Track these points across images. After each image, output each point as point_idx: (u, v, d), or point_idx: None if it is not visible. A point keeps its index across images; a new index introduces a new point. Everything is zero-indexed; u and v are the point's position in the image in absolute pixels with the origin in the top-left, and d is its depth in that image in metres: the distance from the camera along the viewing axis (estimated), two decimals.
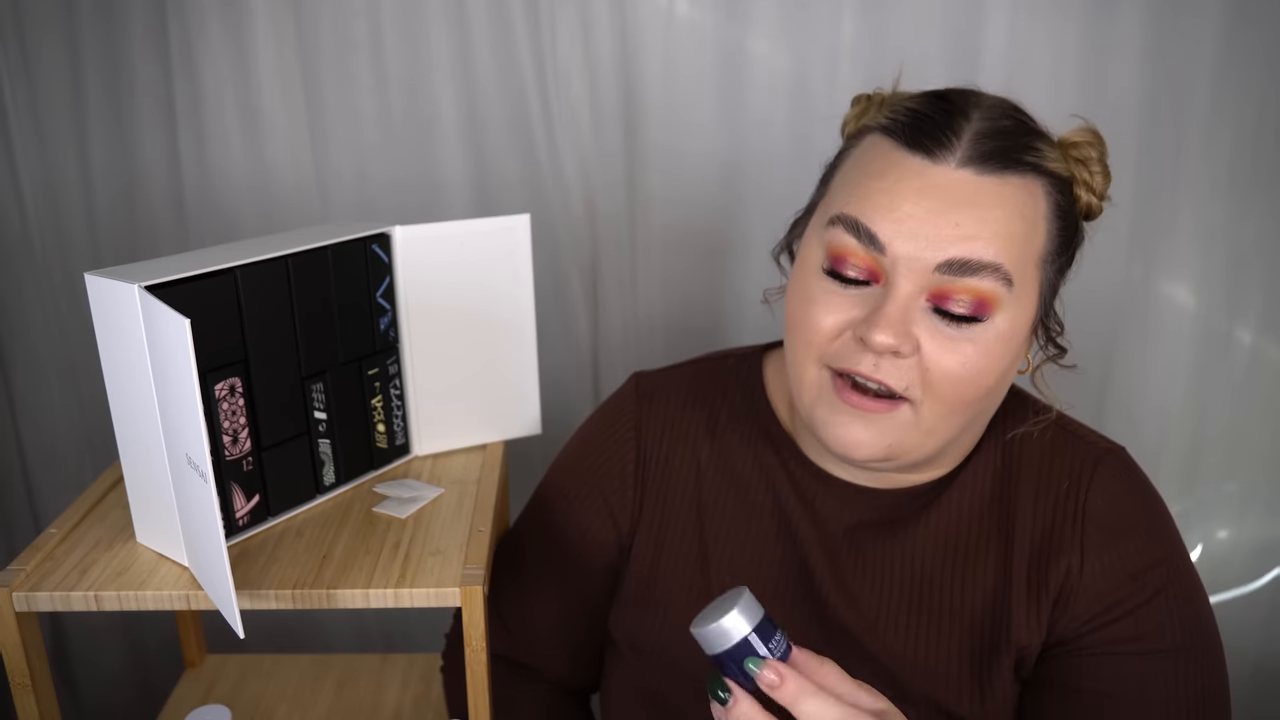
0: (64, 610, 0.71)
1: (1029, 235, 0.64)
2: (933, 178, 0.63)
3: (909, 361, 0.64)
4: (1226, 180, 1.22)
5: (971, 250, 0.62)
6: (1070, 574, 0.69)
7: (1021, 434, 0.73)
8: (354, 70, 1.22)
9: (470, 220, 0.86)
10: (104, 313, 0.70)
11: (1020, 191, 0.64)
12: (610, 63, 1.21)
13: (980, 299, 0.63)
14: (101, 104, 1.25)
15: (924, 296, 0.64)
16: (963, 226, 0.62)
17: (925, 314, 0.64)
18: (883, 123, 0.68)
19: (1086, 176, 0.67)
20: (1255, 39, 1.16)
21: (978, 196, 0.63)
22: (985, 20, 1.17)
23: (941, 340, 0.64)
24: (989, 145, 0.64)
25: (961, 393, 0.65)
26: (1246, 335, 1.27)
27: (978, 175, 0.63)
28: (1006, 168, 0.63)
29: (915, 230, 0.63)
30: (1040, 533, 0.70)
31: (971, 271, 0.62)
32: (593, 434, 0.85)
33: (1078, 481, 0.70)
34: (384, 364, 0.86)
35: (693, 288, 1.30)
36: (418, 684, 1.05)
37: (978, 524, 0.72)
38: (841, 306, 0.66)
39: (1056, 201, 0.66)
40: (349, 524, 0.80)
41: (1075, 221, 0.68)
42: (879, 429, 0.66)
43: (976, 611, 0.70)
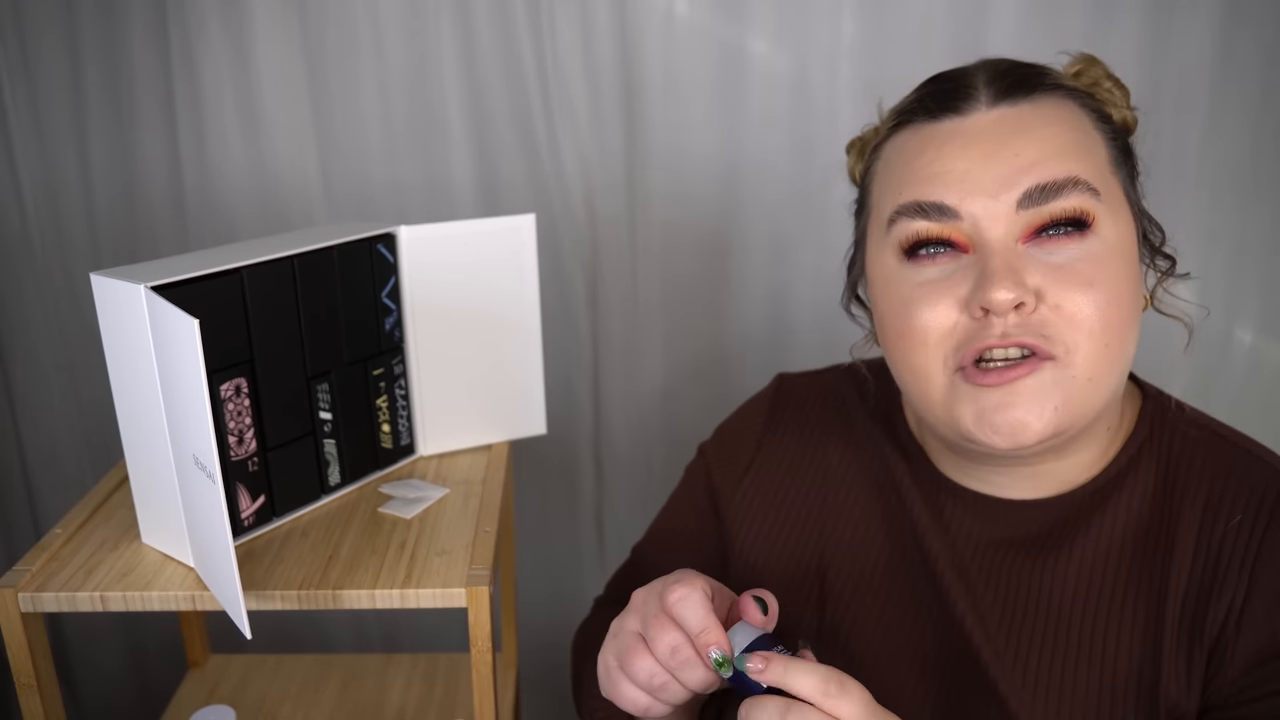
0: (69, 611, 0.71)
1: (1089, 144, 0.61)
2: (972, 127, 0.61)
3: (1037, 313, 0.58)
4: (1226, 180, 1.22)
5: (1043, 173, 0.59)
6: (1228, 623, 0.58)
7: (1186, 455, 0.64)
8: (356, 70, 1.22)
9: (475, 220, 0.86)
10: (109, 313, 0.70)
11: (1059, 109, 0.62)
12: (611, 63, 1.21)
13: (1073, 215, 0.59)
14: (101, 104, 1.24)
15: (1019, 241, 0.59)
16: (1023, 154, 0.59)
17: (1029, 258, 0.59)
18: (893, 125, 0.66)
19: (1106, 95, 0.65)
20: (1254, 39, 1.16)
21: (1023, 123, 0.60)
22: (985, 21, 1.17)
23: (1056, 273, 0.58)
24: (1009, 79, 0.62)
25: (1103, 316, 0.58)
26: (1246, 335, 1.28)
27: (1013, 106, 0.61)
28: (1035, 91, 0.62)
29: (980, 181, 0.59)
30: (1201, 570, 0.60)
31: (1054, 194, 0.58)
32: (727, 426, 0.83)
33: (1256, 515, 0.60)
34: (389, 364, 0.86)
35: (693, 287, 1.30)
36: (421, 684, 1.05)
37: (1129, 554, 0.63)
38: (942, 293, 0.60)
39: (1094, 113, 0.63)
40: (354, 524, 0.80)
41: (1121, 130, 0.65)
42: (1035, 399, 0.58)
43: (1120, 658, 0.61)
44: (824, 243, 1.25)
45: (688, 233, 1.28)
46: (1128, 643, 0.61)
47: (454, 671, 1.07)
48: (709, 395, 1.31)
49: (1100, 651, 0.61)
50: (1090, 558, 0.63)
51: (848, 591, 0.71)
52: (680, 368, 1.33)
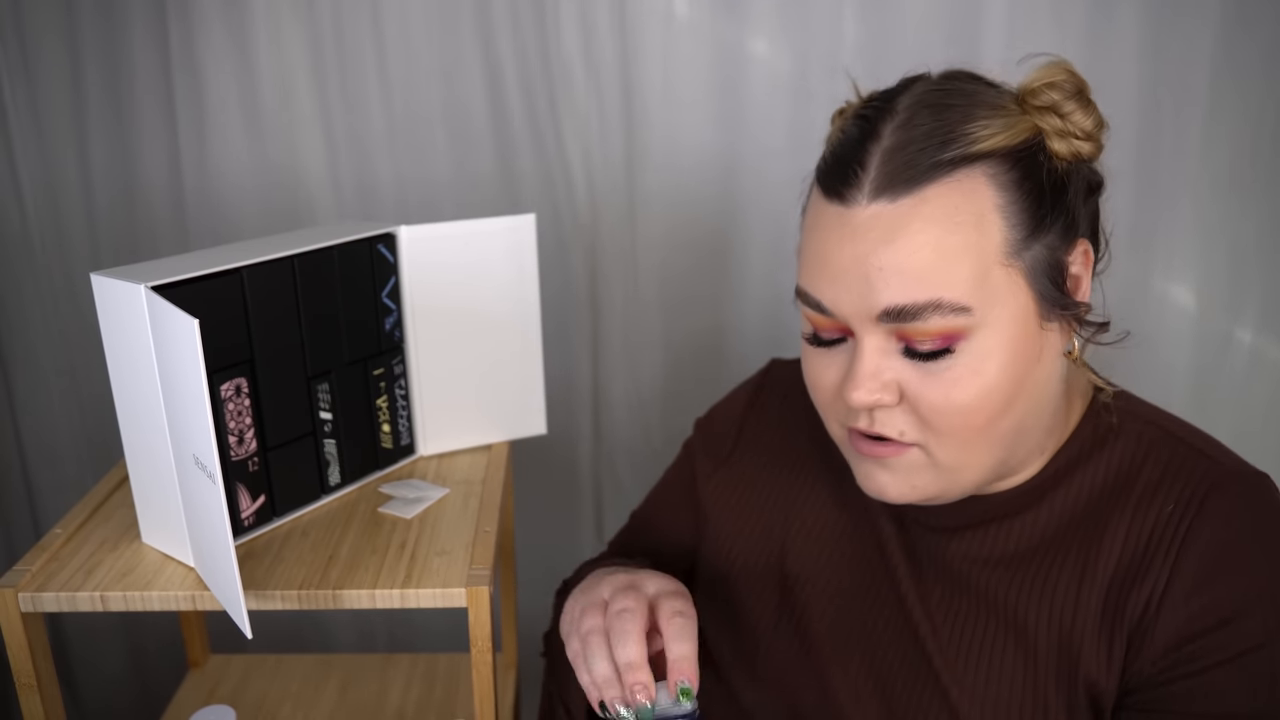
0: (70, 611, 0.71)
1: (976, 241, 0.57)
2: (850, 221, 0.59)
3: (900, 408, 0.61)
4: (1226, 180, 1.22)
5: (901, 295, 0.57)
6: (1149, 606, 0.60)
7: (1130, 452, 0.65)
8: (357, 71, 1.22)
9: (475, 220, 0.86)
10: (110, 313, 0.70)
11: (948, 197, 0.57)
12: (611, 64, 1.21)
13: (939, 335, 0.58)
14: (101, 104, 1.24)
15: (892, 339, 0.60)
16: (885, 270, 0.58)
17: (899, 356, 0.60)
18: (820, 160, 0.64)
19: (1057, 124, 0.60)
20: (1254, 39, 1.16)
21: (896, 227, 0.57)
22: (984, 21, 1.17)
23: (921, 377, 0.60)
24: (896, 163, 0.58)
25: (968, 422, 0.60)
26: (1246, 335, 1.28)
27: (891, 203, 0.58)
28: (921, 179, 0.57)
29: (849, 284, 0.59)
30: (1130, 557, 0.62)
31: (912, 316, 0.58)
32: (716, 410, 0.88)
33: (1187, 504, 0.61)
34: (389, 364, 0.86)
35: (693, 287, 1.30)
36: (421, 684, 1.05)
37: (1062, 542, 0.65)
38: (830, 368, 0.64)
39: (1014, 177, 0.58)
40: (354, 524, 0.80)
41: (1054, 182, 0.60)
42: (897, 473, 0.63)
43: (1040, 639, 0.63)
44: None
45: (688, 233, 1.28)
46: (1051, 625, 0.63)
47: (454, 671, 1.07)
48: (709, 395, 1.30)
49: (1025, 631, 0.64)
50: (1025, 544, 0.66)
51: (805, 578, 0.74)
52: (680, 367, 1.33)
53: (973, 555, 0.67)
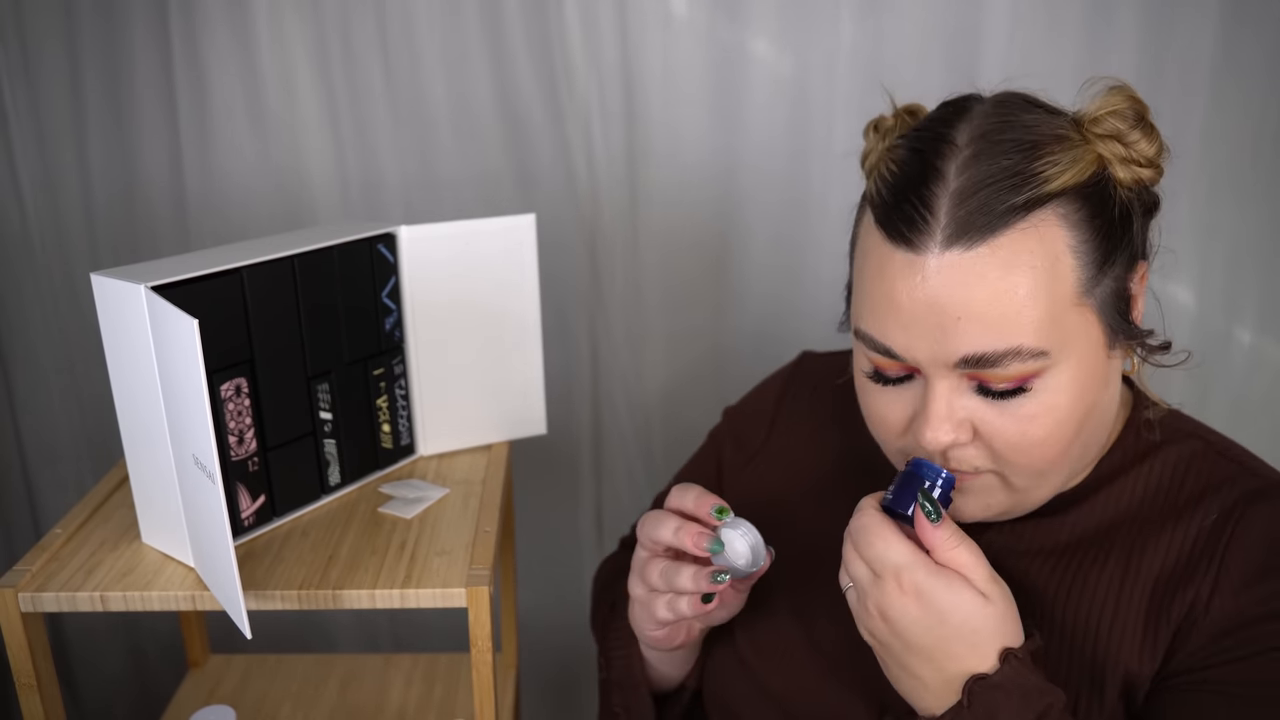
0: (70, 611, 0.71)
1: (1051, 284, 0.57)
2: (921, 270, 0.58)
3: (973, 444, 0.61)
4: (1226, 180, 1.22)
5: (981, 343, 0.57)
6: (1195, 607, 0.61)
7: (1172, 463, 0.66)
8: (358, 71, 1.22)
9: (475, 220, 0.86)
10: (110, 313, 0.70)
11: (1025, 240, 0.57)
12: (612, 64, 1.21)
13: (1016, 378, 0.58)
14: (101, 104, 1.24)
15: (964, 378, 0.60)
16: (964, 320, 0.57)
17: (972, 394, 0.60)
18: (871, 195, 0.63)
19: (1120, 151, 0.60)
20: (1253, 39, 1.16)
21: (973, 275, 0.57)
22: (984, 21, 1.17)
23: (996, 415, 0.60)
24: (969, 208, 0.57)
25: (1043, 454, 0.61)
26: (1246, 335, 1.28)
27: (966, 250, 0.57)
28: (996, 226, 0.56)
29: (923, 332, 0.59)
30: (1172, 562, 0.63)
31: (992, 363, 0.58)
32: (746, 403, 0.88)
33: (1229, 514, 0.63)
34: (389, 364, 0.86)
35: (694, 287, 1.30)
36: (421, 684, 1.05)
37: (1100, 540, 0.66)
38: (896, 404, 0.64)
39: (1085, 214, 0.58)
40: (354, 524, 0.80)
41: (1120, 212, 0.60)
42: (970, 496, 0.64)
43: (1072, 626, 0.64)
44: (823, 242, 1.25)
45: (688, 233, 1.28)
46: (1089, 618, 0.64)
47: (454, 671, 1.07)
48: (709, 395, 1.31)
49: (1055, 620, 0.65)
50: (1065, 541, 0.67)
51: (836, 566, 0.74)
52: (680, 367, 1.33)
53: (1010, 547, 0.68)
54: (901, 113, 0.70)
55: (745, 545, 0.65)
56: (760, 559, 0.65)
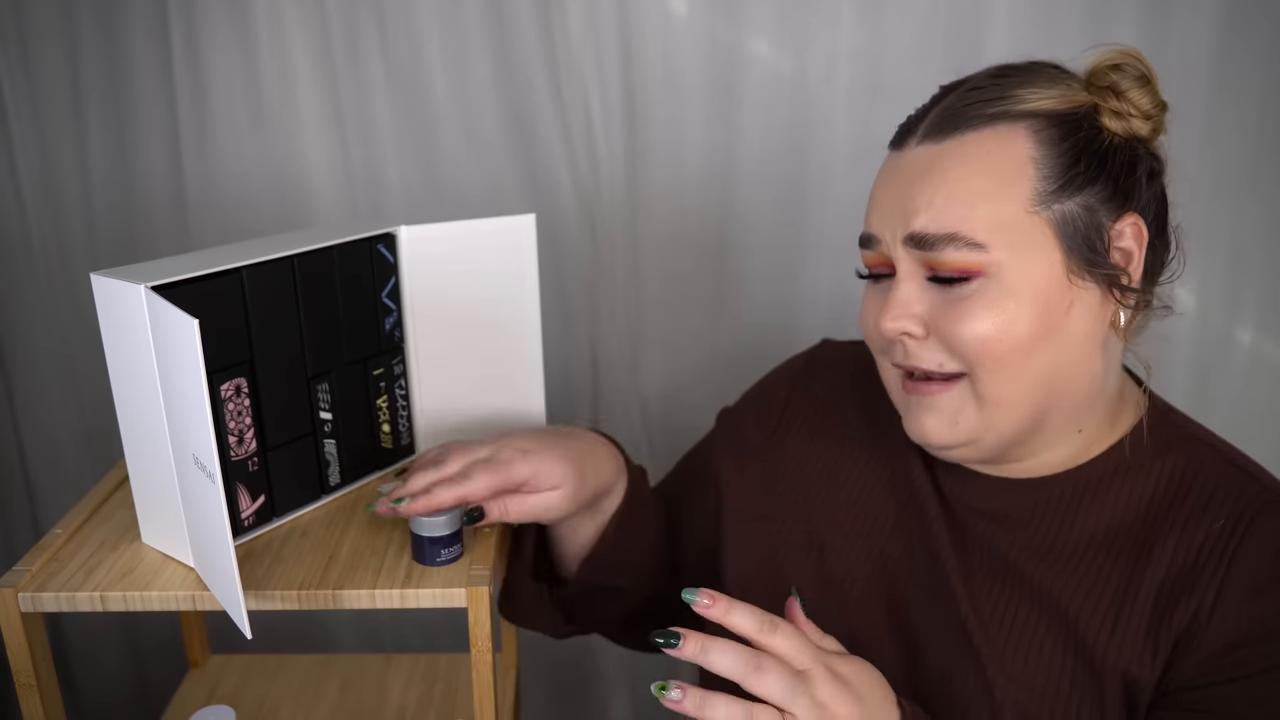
0: (69, 611, 0.71)
1: (1005, 186, 0.63)
2: (900, 161, 0.67)
3: (930, 340, 0.66)
4: (1226, 180, 1.22)
5: (926, 223, 0.63)
6: (1198, 617, 0.61)
7: (1183, 466, 0.67)
8: (358, 71, 1.22)
9: (475, 220, 0.86)
10: (110, 313, 0.70)
11: (986, 144, 0.63)
12: (612, 64, 1.21)
13: (957, 268, 0.63)
14: (101, 103, 1.24)
15: (920, 267, 0.65)
16: (917, 199, 0.64)
17: (928, 289, 0.65)
18: None
19: (1114, 103, 0.65)
20: (1253, 39, 1.16)
21: (934, 165, 0.64)
22: (984, 22, 1.17)
23: (944, 308, 0.64)
24: (948, 111, 0.65)
25: (990, 351, 0.63)
26: (1246, 335, 1.28)
27: (936, 144, 0.65)
28: (964, 126, 0.64)
29: (889, 214, 0.66)
30: (1178, 568, 0.63)
31: (930, 245, 0.63)
32: (766, 380, 0.91)
33: (1236, 523, 0.63)
34: (389, 364, 0.86)
35: (694, 287, 1.30)
36: (421, 684, 1.05)
37: (1109, 542, 0.67)
38: (875, 302, 0.69)
39: (1056, 135, 0.63)
40: (354, 524, 0.80)
41: (1102, 149, 0.64)
42: (943, 413, 0.67)
43: (1082, 628, 0.65)
44: (824, 242, 1.25)
45: (688, 233, 1.28)
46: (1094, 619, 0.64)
47: (454, 671, 1.07)
48: (709, 395, 1.30)
49: (1067, 620, 0.65)
50: (1074, 541, 0.67)
51: (845, 549, 0.76)
52: (680, 368, 1.33)
53: (1021, 544, 0.69)
54: None
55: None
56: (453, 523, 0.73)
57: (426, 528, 0.72)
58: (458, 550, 0.74)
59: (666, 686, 0.57)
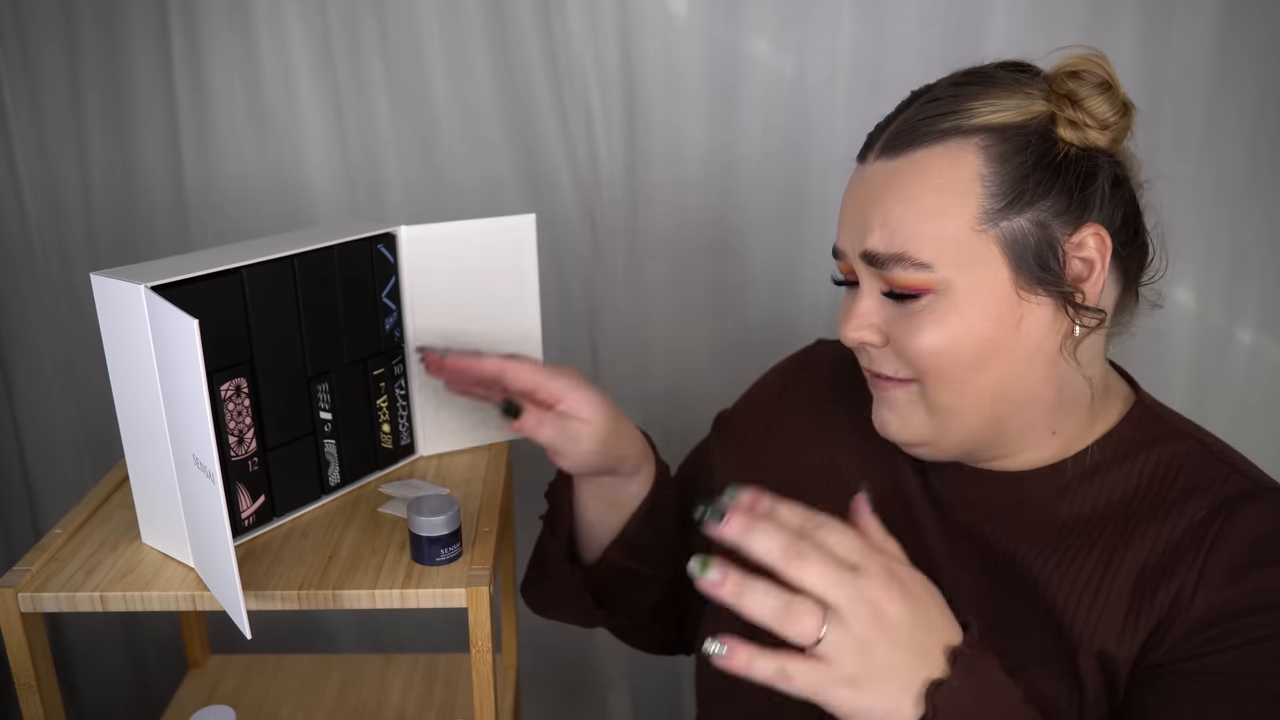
0: (69, 611, 0.71)
1: (950, 206, 0.63)
2: (860, 175, 0.68)
3: (888, 350, 0.68)
4: (1226, 180, 1.22)
5: (878, 243, 0.65)
6: (1179, 599, 0.62)
7: (1167, 458, 0.68)
8: (358, 71, 1.22)
9: (475, 220, 0.86)
10: (110, 313, 0.70)
11: (935, 162, 0.64)
12: (612, 64, 1.21)
13: (906, 286, 0.64)
14: (101, 104, 1.24)
15: (878, 280, 0.67)
16: (871, 217, 0.65)
17: (885, 302, 0.67)
18: None
19: (1070, 113, 0.64)
20: (1253, 38, 1.16)
21: (888, 183, 0.65)
22: (983, 22, 1.17)
23: (898, 321, 0.66)
24: (903, 127, 0.65)
25: (937, 365, 0.65)
26: (1246, 335, 1.28)
27: (890, 160, 0.65)
28: (916, 142, 0.64)
29: (850, 228, 0.68)
30: (1159, 553, 0.64)
31: (881, 264, 0.65)
32: (760, 381, 0.92)
33: (1217, 510, 0.64)
34: (389, 364, 0.86)
35: (694, 286, 1.30)
36: (421, 684, 1.05)
37: (1089, 527, 0.67)
38: (847, 305, 0.71)
39: (1005, 150, 0.63)
40: (354, 524, 0.80)
41: (1055, 162, 0.63)
42: (899, 411, 0.69)
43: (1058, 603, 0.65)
44: (824, 241, 1.24)
45: (688, 233, 1.28)
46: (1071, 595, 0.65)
47: (454, 671, 1.07)
48: (709, 395, 1.30)
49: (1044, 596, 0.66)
50: (1055, 524, 0.68)
51: None
52: (681, 368, 1.33)
53: (1004, 530, 0.70)
54: None
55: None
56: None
57: (426, 527, 0.72)
58: (457, 550, 0.74)
59: (708, 564, 0.54)
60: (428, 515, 0.73)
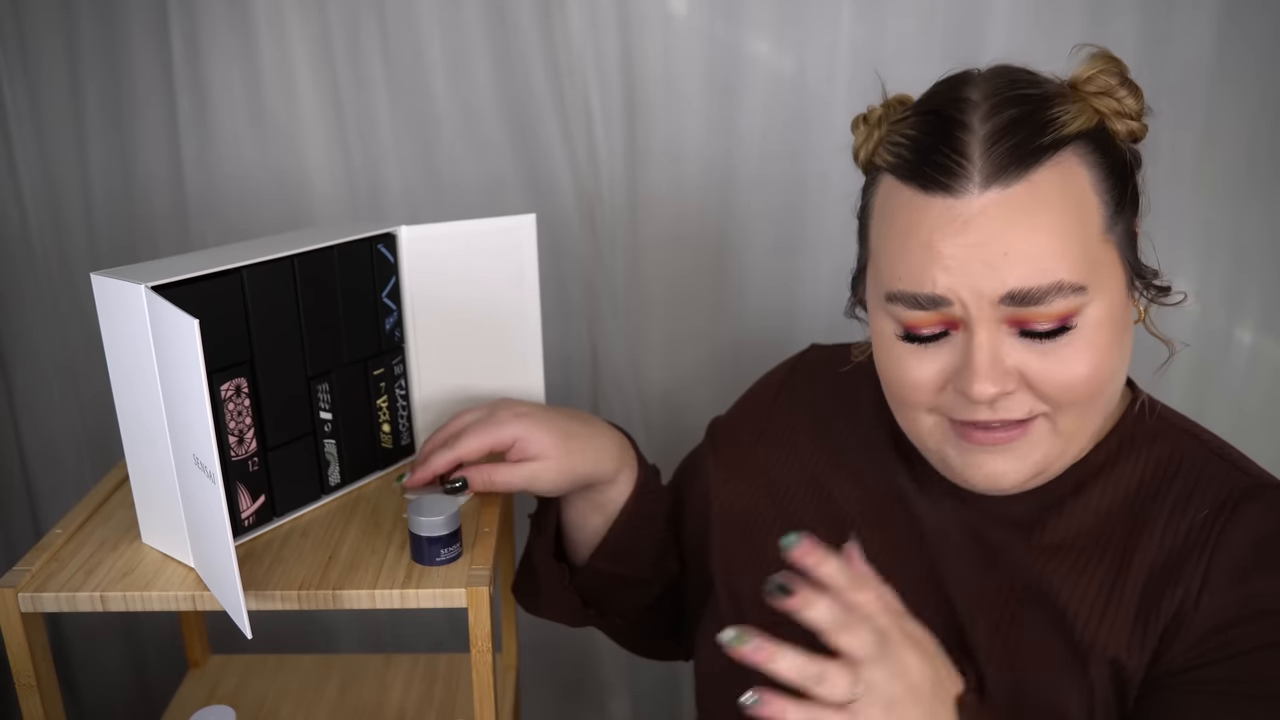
0: (69, 611, 0.71)
1: (1082, 220, 0.60)
2: (963, 212, 0.60)
3: (1020, 392, 0.62)
4: (1226, 180, 1.22)
5: (1028, 277, 0.59)
6: (1185, 604, 0.62)
7: (1166, 456, 0.68)
8: (359, 71, 1.22)
9: (475, 220, 0.86)
10: (110, 313, 0.70)
11: (1056, 179, 0.60)
12: (612, 64, 1.21)
13: (1059, 315, 0.60)
14: (101, 104, 1.24)
15: (1005, 324, 0.61)
16: (1011, 253, 0.59)
17: (1015, 339, 0.61)
18: (889, 161, 0.64)
19: (1114, 105, 0.63)
20: (1253, 38, 1.16)
21: (1015, 212, 0.59)
22: (984, 21, 1.17)
23: (1041, 358, 0.61)
24: (1002, 149, 0.59)
25: (1091, 391, 0.62)
26: (1246, 335, 1.28)
27: (1005, 189, 0.59)
28: (1030, 164, 0.59)
29: (968, 269, 0.60)
30: (1164, 556, 0.64)
31: (1037, 299, 0.59)
32: (754, 386, 0.91)
33: (1219, 510, 0.64)
34: (389, 364, 0.86)
35: (694, 287, 1.30)
36: (421, 684, 1.05)
37: (1098, 534, 0.66)
38: (933, 360, 0.64)
39: (1097, 158, 0.61)
40: (354, 524, 0.80)
41: (1123, 161, 0.63)
42: (1019, 454, 0.64)
43: (1071, 616, 0.65)
44: (824, 242, 1.25)
45: (688, 233, 1.28)
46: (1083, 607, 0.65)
47: (454, 671, 1.07)
48: (709, 396, 1.31)
49: (1056, 609, 0.65)
50: (1064, 535, 0.67)
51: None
52: (681, 368, 1.33)
53: (1009, 538, 0.69)
54: (892, 102, 0.71)
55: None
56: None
57: (425, 528, 0.72)
58: (457, 550, 0.74)
59: (743, 638, 0.55)
60: (428, 515, 0.73)
